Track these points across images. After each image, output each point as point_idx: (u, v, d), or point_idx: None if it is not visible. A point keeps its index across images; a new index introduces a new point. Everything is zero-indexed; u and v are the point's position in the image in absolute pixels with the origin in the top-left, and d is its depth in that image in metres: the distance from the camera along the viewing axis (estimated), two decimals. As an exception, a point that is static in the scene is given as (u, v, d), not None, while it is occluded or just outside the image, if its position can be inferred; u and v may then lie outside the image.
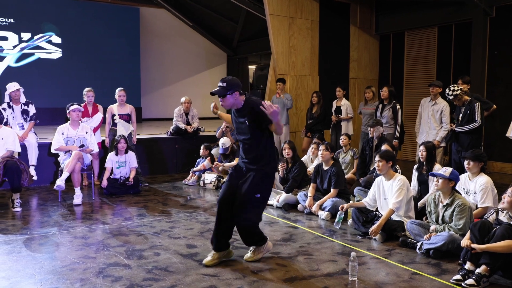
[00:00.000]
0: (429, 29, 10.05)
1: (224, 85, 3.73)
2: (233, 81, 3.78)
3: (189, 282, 3.56)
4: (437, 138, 6.77)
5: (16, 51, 11.59)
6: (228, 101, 3.77)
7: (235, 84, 3.77)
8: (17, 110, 7.01)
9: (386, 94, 7.22)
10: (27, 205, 6.10)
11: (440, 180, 4.24)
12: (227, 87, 3.72)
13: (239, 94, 3.78)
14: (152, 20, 14.19)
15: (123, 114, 7.41)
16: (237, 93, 3.76)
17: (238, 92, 3.77)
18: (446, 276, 3.69)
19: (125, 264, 3.93)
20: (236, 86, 3.76)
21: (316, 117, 8.39)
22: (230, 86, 3.73)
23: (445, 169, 4.31)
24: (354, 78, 10.98)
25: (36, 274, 3.70)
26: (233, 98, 3.77)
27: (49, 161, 7.46)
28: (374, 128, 6.61)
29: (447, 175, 4.21)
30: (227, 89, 3.72)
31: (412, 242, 4.38)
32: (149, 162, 8.41)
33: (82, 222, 5.28)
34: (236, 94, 3.76)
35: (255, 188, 3.81)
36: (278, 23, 9.56)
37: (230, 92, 3.73)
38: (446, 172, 4.24)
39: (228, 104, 3.80)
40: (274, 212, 5.90)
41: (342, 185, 5.72)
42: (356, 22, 10.88)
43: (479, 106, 5.95)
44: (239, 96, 3.79)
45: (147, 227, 5.09)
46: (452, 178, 4.22)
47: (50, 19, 11.85)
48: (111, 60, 12.68)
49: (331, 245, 4.51)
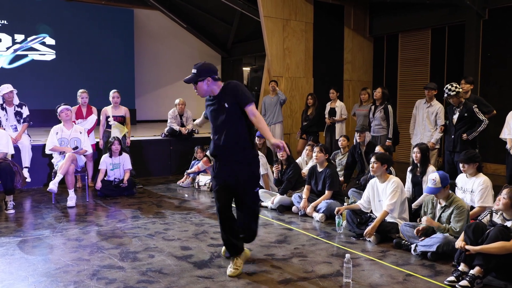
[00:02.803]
0: (423, 31, 10.10)
1: (195, 72, 3.54)
2: (204, 67, 3.57)
3: (184, 284, 3.55)
4: (431, 140, 6.80)
5: (10, 52, 11.53)
6: (201, 88, 3.57)
7: (207, 69, 3.56)
8: (10, 112, 6.97)
9: (379, 95, 7.25)
10: (20, 207, 6.06)
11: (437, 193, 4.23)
12: (198, 73, 3.53)
13: (212, 80, 3.56)
14: (146, 21, 14.17)
15: (117, 116, 7.39)
16: (209, 79, 3.54)
17: (211, 78, 3.55)
18: (440, 278, 3.70)
19: (119, 266, 3.91)
20: (208, 71, 3.55)
21: (311, 119, 8.41)
22: (202, 72, 3.54)
23: (433, 180, 4.18)
24: (348, 80, 11.01)
25: (29, 276, 3.67)
26: (205, 85, 3.56)
27: (42, 163, 7.42)
28: (363, 133, 6.62)
29: (439, 186, 4.16)
30: (198, 75, 3.53)
31: (406, 244, 4.39)
32: (143, 164, 8.38)
33: (76, 224, 5.26)
34: (209, 80, 3.55)
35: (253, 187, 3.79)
36: (272, 25, 9.57)
37: (202, 78, 3.53)
38: (436, 183, 4.15)
39: (201, 91, 3.60)
40: (269, 213, 5.89)
41: (337, 187, 5.73)
42: (350, 24, 10.91)
43: (477, 108, 5.99)
44: (214, 82, 3.58)
45: (141, 229, 5.07)
46: (445, 184, 4.19)
47: (44, 21, 11.80)
48: (105, 61, 12.64)
49: (325, 247, 4.51)
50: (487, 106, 6.51)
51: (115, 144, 6.87)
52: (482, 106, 6.35)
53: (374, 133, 7.32)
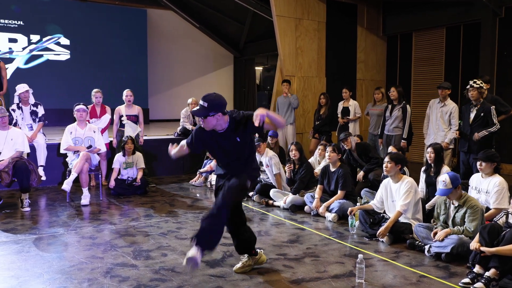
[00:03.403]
0: (437, 30, 10.00)
1: (206, 105, 3.29)
2: (216, 101, 3.32)
3: (196, 283, 3.56)
4: (445, 140, 6.73)
5: (25, 52, 11.68)
6: (209, 122, 3.35)
7: (218, 104, 3.32)
8: (26, 111, 7.07)
9: (395, 94, 7.17)
10: (35, 205, 6.14)
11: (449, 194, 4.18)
12: (209, 107, 3.29)
13: (222, 114, 3.35)
14: (159, 21, 14.24)
15: (130, 115, 7.45)
16: (220, 114, 3.33)
17: (221, 113, 3.34)
18: (455, 279, 3.66)
19: (132, 264, 3.94)
20: (219, 106, 3.32)
21: (323, 118, 8.38)
22: (213, 107, 3.29)
23: (443, 182, 4.13)
24: (361, 79, 10.95)
25: (44, 273, 3.72)
26: (215, 120, 3.35)
27: (57, 162, 7.51)
28: (347, 140, 6.52)
29: (450, 187, 4.11)
30: (209, 109, 3.29)
31: (420, 244, 4.35)
32: (156, 163, 8.43)
33: (90, 222, 5.31)
34: (219, 115, 3.33)
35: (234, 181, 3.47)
36: (285, 24, 9.55)
37: (213, 113, 3.31)
38: (447, 184, 4.09)
39: (209, 125, 3.38)
40: (281, 213, 5.89)
41: (349, 186, 5.70)
42: (363, 23, 10.85)
43: (494, 110, 5.91)
44: (222, 117, 3.37)
45: (154, 227, 5.10)
46: (455, 185, 4.13)
47: (59, 21, 11.92)
48: (118, 61, 12.74)
49: (338, 247, 4.49)
50: (505, 105, 6.42)
51: (128, 143, 6.92)
52: (500, 105, 6.26)
53: (388, 132, 7.25)
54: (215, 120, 3.36)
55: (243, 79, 15.68)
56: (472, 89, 5.99)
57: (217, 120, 3.37)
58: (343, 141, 6.54)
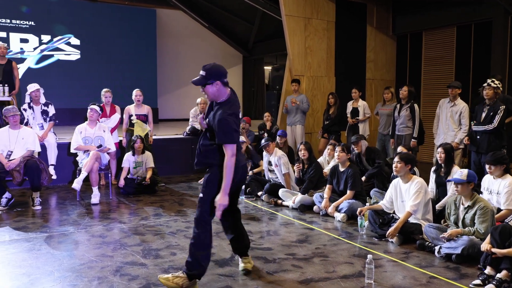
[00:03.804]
0: (448, 29, 9.92)
1: (204, 74, 3.31)
2: (213, 69, 3.33)
3: (205, 282, 3.57)
4: (455, 139, 6.67)
5: (36, 53, 11.79)
6: (209, 91, 3.33)
7: (216, 72, 3.32)
8: (37, 111, 7.13)
9: (405, 93, 7.13)
10: (46, 204, 6.20)
11: (459, 185, 4.17)
12: (206, 75, 3.30)
13: (221, 84, 3.33)
14: (169, 21, 14.29)
15: (140, 115, 7.48)
16: (218, 82, 3.31)
17: (221, 81, 3.32)
18: (465, 281, 3.63)
19: (141, 263, 3.96)
20: (217, 74, 3.31)
21: (332, 118, 8.35)
22: (211, 75, 3.29)
23: (460, 172, 4.22)
24: (370, 79, 10.90)
25: (55, 271, 3.75)
26: (215, 88, 3.32)
27: (67, 161, 7.57)
28: (358, 144, 6.49)
29: (464, 179, 4.13)
30: (207, 77, 3.30)
31: (430, 245, 4.32)
32: (165, 162, 8.45)
33: (99, 221, 5.35)
34: (218, 84, 3.31)
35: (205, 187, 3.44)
36: (294, 23, 9.54)
37: (211, 81, 3.30)
38: (463, 175, 4.15)
39: (209, 95, 3.36)
40: (290, 213, 5.88)
41: (359, 186, 5.67)
42: (372, 23, 10.80)
43: (502, 111, 5.82)
44: (222, 87, 3.34)
45: (163, 226, 5.13)
46: (470, 180, 4.14)
47: (69, 22, 12.03)
48: (128, 61, 12.81)
49: (347, 247, 4.48)
50: None
51: (138, 143, 6.96)
52: (511, 105, 6.19)
53: (398, 132, 7.22)
54: (214, 88, 3.33)
55: (252, 79, 15.68)
56: (489, 88, 5.90)
57: (217, 89, 3.34)
58: (354, 144, 6.51)
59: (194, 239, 3.43)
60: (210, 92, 3.35)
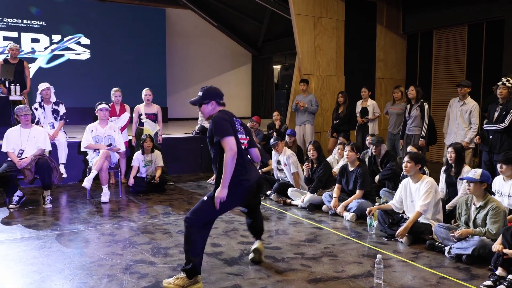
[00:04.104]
0: (459, 28, 9.83)
1: (201, 94, 3.65)
2: (210, 90, 3.68)
3: (214, 280, 3.58)
4: (465, 139, 6.61)
5: (47, 52, 11.91)
6: (204, 110, 3.66)
7: (211, 93, 3.65)
8: (48, 110, 7.20)
9: (413, 93, 7.09)
10: (57, 202, 6.25)
11: (471, 184, 4.13)
12: (203, 96, 3.64)
13: (216, 104, 3.64)
14: (178, 20, 14.34)
15: (149, 114, 7.52)
16: (213, 102, 3.62)
17: (215, 101, 3.63)
18: (476, 282, 3.60)
19: (151, 261, 3.98)
20: (212, 95, 3.64)
21: (342, 117, 8.32)
22: (206, 96, 3.63)
23: (474, 171, 4.18)
24: (380, 78, 10.84)
25: (65, 269, 3.79)
26: (210, 106, 3.63)
27: (78, 160, 7.63)
28: (379, 147, 6.41)
29: (477, 178, 4.09)
30: (203, 98, 3.63)
31: (440, 245, 4.29)
32: (174, 161, 8.49)
33: (109, 220, 5.38)
34: (213, 104, 3.63)
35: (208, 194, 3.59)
36: (303, 22, 9.52)
37: (207, 101, 3.62)
38: (476, 174, 4.12)
39: (205, 113, 3.69)
40: (299, 212, 5.88)
41: (368, 186, 5.65)
42: (382, 21, 10.74)
43: None
44: (217, 106, 3.65)
45: (172, 225, 5.15)
46: (484, 180, 4.10)
47: (79, 21, 12.13)
48: (138, 60, 12.89)
49: (356, 247, 4.46)
50: None
51: (147, 142, 6.99)
52: None
53: (409, 131, 7.17)
54: (210, 107, 3.65)
55: (261, 78, 15.68)
56: (503, 87, 5.83)
57: (212, 108, 3.65)
58: (374, 146, 6.44)
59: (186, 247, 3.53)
60: (206, 111, 3.68)
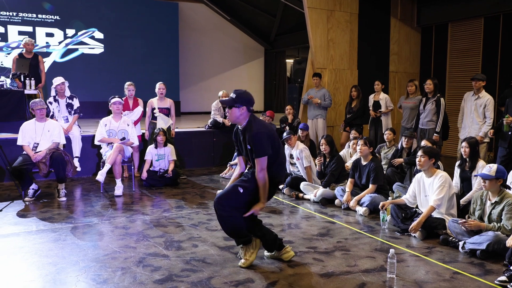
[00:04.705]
0: (475, 20, 9.67)
1: (234, 97, 3.64)
2: (243, 95, 3.66)
3: (226, 274, 3.60)
4: (480, 133, 6.53)
5: (61, 47, 12.00)
6: (233, 113, 3.64)
7: (245, 98, 3.64)
8: (62, 104, 7.27)
9: (431, 87, 7.00)
10: (71, 195, 6.33)
11: (487, 181, 4.07)
12: (236, 99, 3.62)
13: (246, 110, 3.64)
14: (191, 14, 14.34)
15: (162, 108, 7.55)
16: (244, 108, 3.62)
17: (246, 108, 3.63)
18: (490, 277, 3.56)
19: (164, 254, 4.02)
20: (245, 100, 3.63)
21: (355, 111, 8.27)
22: (239, 99, 3.62)
23: (489, 167, 4.12)
24: (394, 71, 10.74)
25: (80, 261, 3.84)
26: (239, 112, 3.63)
27: (92, 153, 7.71)
28: (411, 140, 6.39)
29: (493, 175, 4.03)
30: (235, 101, 3.62)
31: (454, 240, 4.25)
32: (187, 155, 8.53)
33: (123, 213, 5.43)
34: (243, 109, 3.63)
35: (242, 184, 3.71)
36: (317, 16, 9.45)
37: (237, 105, 3.61)
38: (491, 171, 4.06)
39: (233, 116, 3.67)
40: (311, 206, 5.87)
41: (381, 180, 5.61)
42: (397, 14, 10.61)
43: None
44: (246, 113, 3.65)
45: (185, 219, 5.18)
46: (499, 176, 4.04)
47: (93, 15, 12.19)
48: (151, 54, 12.93)
49: (369, 241, 4.44)
50: None
51: (160, 135, 7.03)
52: None
53: (422, 126, 7.10)
54: (238, 112, 3.63)
55: (273, 72, 15.64)
56: None
57: (240, 113, 3.64)
58: (407, 139, 6.43)
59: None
60: (234, 115, 3.66)
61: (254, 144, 3.57)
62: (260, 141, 3.56)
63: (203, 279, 3.49)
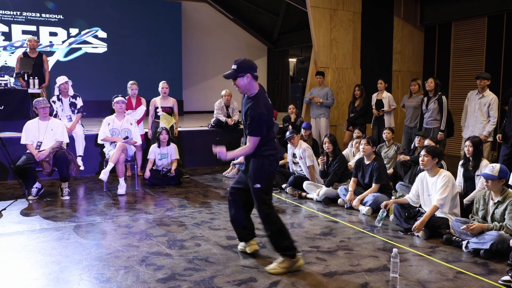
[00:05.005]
0: (478, 19, 9.63)
1: (235, 67, 3.51)
2: (244, 63, 3.53)
3: (229, 273, 3.60)
4: (484, 132, 6.51)
5: (65, 46, 12.03)
6: (240, 83, 3.54)
7: (246, 66, 3.52)
8: (65, 103, 7.29)
9: (432, 85, 6.98)
10: (74, 194, 6.35)
11: (489, 180, 4.06)
12: (237, 69, 3.50)
13: (252, 77, 3.54)
14: (194, 14, 14.35)
15: (165, 107, 7.56)
16: (248, 75, 3.51)
17: (251, 74, 3.52)
18: (494, 277, 3.55)
19: (166, 253, 4.02)
20: (247, 68, 3.51)
21: (358, 110, 8.26)
22: (241, 68, 3.50)
23: (492, 167, 4.10)
24: (397, 70, 10.71)
25: (83, 260, 3.85)
26: (245, 80, 3.52)
27: (95, 152, 7.72)
28: (424, 139, 6.35)
29: (496, 175, 4.02)
30: (238, 71, 3.50)
31: (457, 240, 4.24)
32: (190, 154, 8.53)
33: (126, 212, 5.44)
34: (248, 77, 3.52)
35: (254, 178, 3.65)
36: (319, 15, 9.43)
37: (241, 74, 3.50)
38: (494, 171, 4.04)
39: (241, 87, 3.56)
40: (314, 206, 5.86)
41: (384, 180, 5.60)
42: (400, 13, 10.58)
43: None
44: (252, 80, 3.55)
45: (188, 218, 5.18)
46: (502, 176, 4.03)
47: (96, 15, 12.22)
48: (154, 53, 12.95)
49: (372, 241, 4.44)
50: None
51: (163, 134, 7.03)
52: None
53: (426, 125, 7.08)
54: (245, 80, 3.54)
55: (276, 71, 15.63)
56: None
57: (247, 81, 3.55)
58: (420, 138, 6.41)
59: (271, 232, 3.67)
60: (241, 84, 3.55)
61: (251, 122, 3.52)
62: (258, 123, 3.52)
63: (206, 278, 3.49)
